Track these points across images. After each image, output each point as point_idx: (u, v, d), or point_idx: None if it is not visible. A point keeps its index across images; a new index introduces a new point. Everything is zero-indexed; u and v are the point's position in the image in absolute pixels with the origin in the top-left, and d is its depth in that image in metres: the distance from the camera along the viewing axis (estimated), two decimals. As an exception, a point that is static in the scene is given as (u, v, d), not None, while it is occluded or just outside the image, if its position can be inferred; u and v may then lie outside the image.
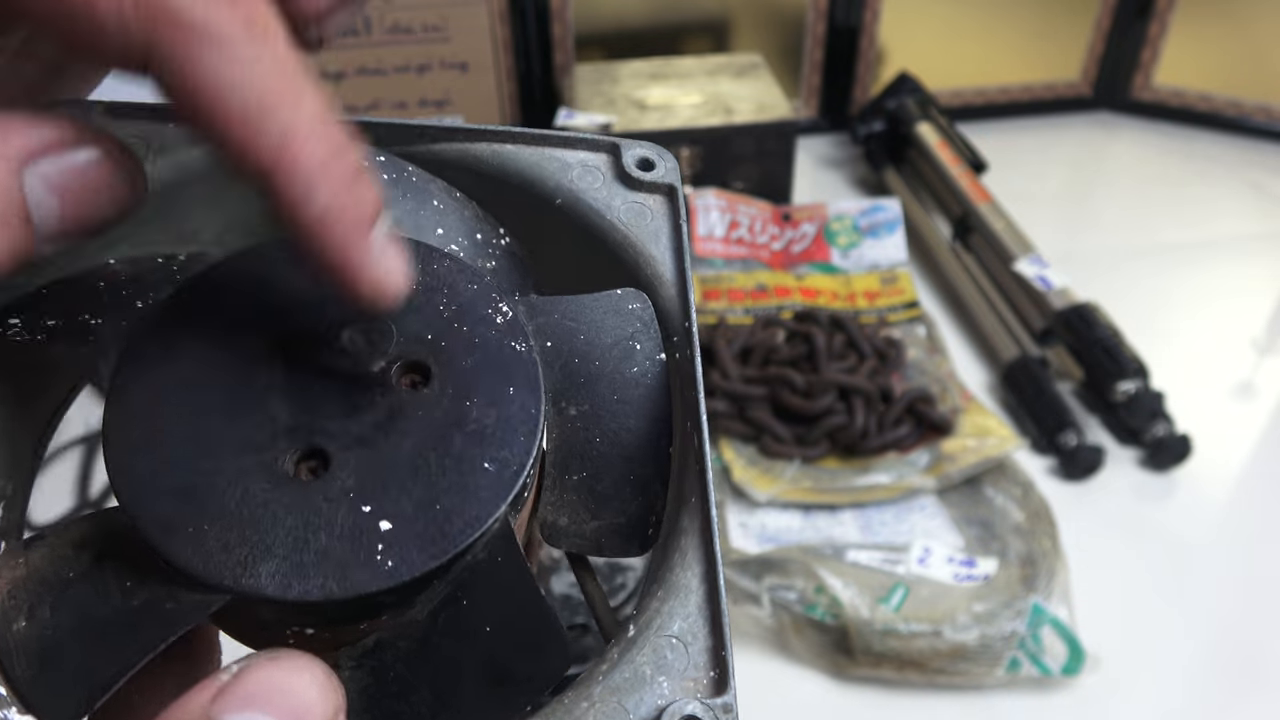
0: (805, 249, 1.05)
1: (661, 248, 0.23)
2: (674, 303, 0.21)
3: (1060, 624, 0.64)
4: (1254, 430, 0.86)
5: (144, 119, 0.22)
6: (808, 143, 1.30)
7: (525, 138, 0.24)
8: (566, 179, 0.23)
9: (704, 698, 0.17)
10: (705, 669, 0.17)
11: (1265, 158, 1.28)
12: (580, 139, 0.24)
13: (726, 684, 0.17)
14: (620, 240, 0.23)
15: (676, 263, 0.22)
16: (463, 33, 1.15)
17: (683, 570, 0.18)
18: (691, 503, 0.19)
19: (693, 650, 0.17)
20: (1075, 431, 0.81)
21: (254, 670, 0.15)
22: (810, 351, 0.86)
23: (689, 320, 0.21)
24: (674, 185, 0.24)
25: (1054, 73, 1.39)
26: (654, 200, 0.24)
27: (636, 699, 0.17)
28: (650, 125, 1.07)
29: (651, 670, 0.17)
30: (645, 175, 0.24)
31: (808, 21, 1.29)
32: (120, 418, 0.18)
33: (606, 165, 0.24)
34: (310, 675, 0.15)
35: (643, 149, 0.24)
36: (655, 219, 0.23)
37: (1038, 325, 0.92)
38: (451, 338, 0.19)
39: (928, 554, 0.70)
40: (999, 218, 1.02)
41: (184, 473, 0.17)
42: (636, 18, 1.29)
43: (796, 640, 0.67)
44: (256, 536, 0.17)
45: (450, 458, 0.18)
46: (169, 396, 0.18)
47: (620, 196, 0.23)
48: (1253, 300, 1.03)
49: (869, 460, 0.80)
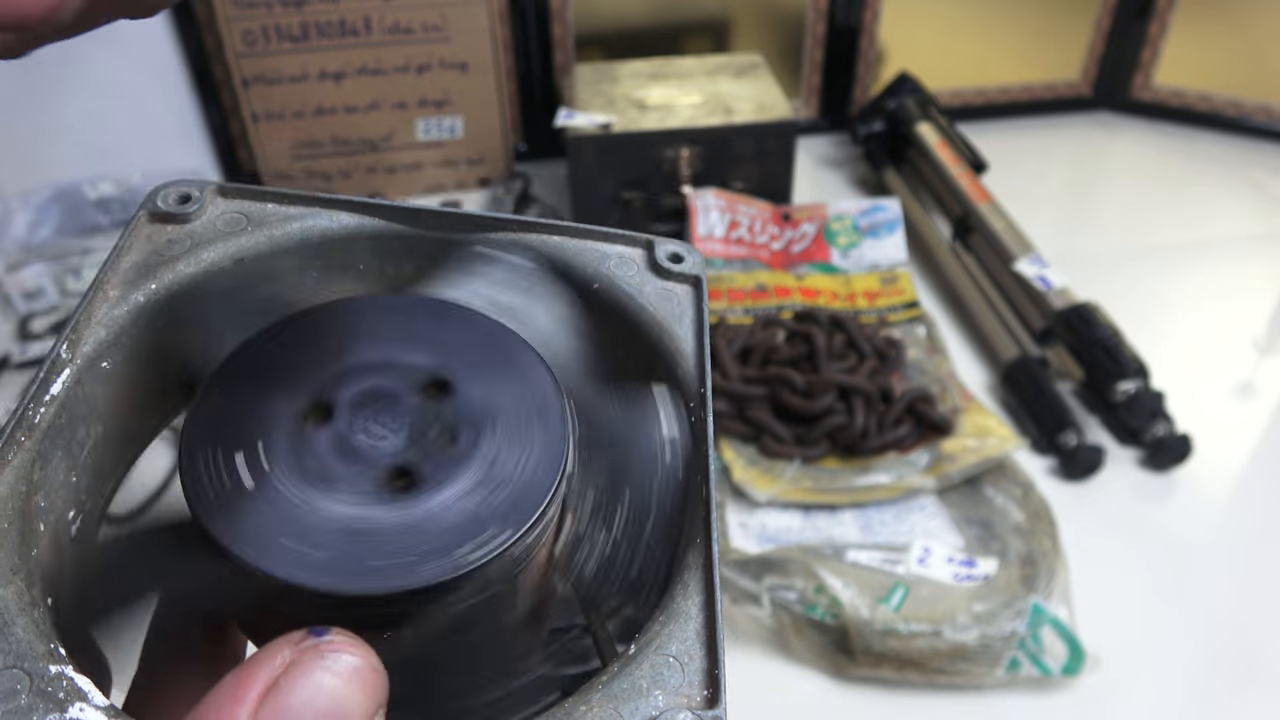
0: (805, 249, 1.05)
1: (685, 327, 0.25)
2: (692, 374, 0.24)
3: (1060, 624, 0.64)
4: (1254, 430, 0.86)
5: (248, 199, 0.26)
6: (808, 143, 1.30)
7: (570, 231, 0.27)
8: (605, 267, 0.26)
9: (695, 710, 0.18)
10: (699, 687, 0.19)
11: (1265, 158, 1.28)
12: (619, 235, 0.27)
13: (718, 700, 0.18)
14: (648, 319, 0.25)
15: (697, 341, 0.25)
16: (463, 33, 1.15)
17: (684, 599, 0.20)
18: (697, 543, 0.21)
19: (689, 670, 0.19)
20: (1075, 431, 0.81)
21: (299, 678, 0.15)
22: (810, 351, 0.86)
23: (704, 387, 0.24)
24: (700, 276, 0.27)
25: (1054, 73, 1.39)
26: (681, 289, 0.26)
27: (632, 707, 0.18)
28: (650, 125, 1.07)
29: (648, 684, 0.19)
30: (675, 267, 0.27)
31: (808, 21, 1.29)
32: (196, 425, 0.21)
33: (641, 258, 0.27)
34: (356, 677, 0.16)
35: (674, 246, 0.27)
36: (681, 303, 0.26)
37: (1038, 325, 0.92)
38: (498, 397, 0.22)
39: (928, 554, 0.70)
40: (999, 218, 1.02)
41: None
42: (636, 18, 1.29)
43: (796, 640, 0.67)
44: (308, 537, 0.19)
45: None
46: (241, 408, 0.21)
47: (651, 284, 0.26)
48: (1253, 300, 1.03)
49: (869, 460, 0.80)
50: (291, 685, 0.15)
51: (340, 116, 1.18)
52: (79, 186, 1.07)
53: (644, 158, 1.08)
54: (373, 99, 1.17)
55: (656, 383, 0.24)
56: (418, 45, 1.15)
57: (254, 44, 1.11)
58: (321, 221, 0.25)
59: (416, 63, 1.16)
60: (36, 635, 0.17)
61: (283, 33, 1.11)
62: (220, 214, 0.25)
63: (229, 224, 0.25)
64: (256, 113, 1.16)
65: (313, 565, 0.19)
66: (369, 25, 1.13)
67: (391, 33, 1.14)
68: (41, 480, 0.20)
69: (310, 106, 1.16)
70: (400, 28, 1.14)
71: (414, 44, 1.15)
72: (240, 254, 0.25)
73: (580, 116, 1.08)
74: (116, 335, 0.22)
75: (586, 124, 1.07)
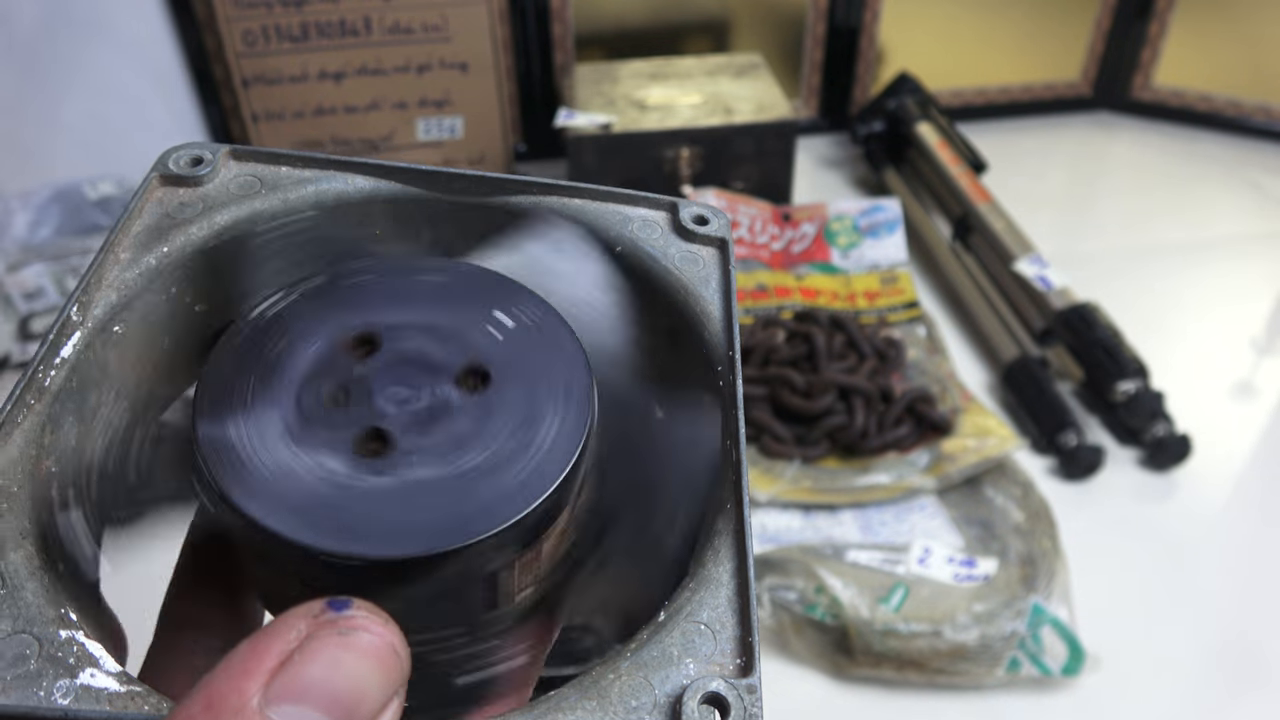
0: (805, 249, 1.05)
1: (711, 290, 0.25)
2: (720, 336, 0.24)
3: (1060, 624, 0.64)
4: (1254, 430, 0.86)
5: (261, 162, 0.25)
6: (808, 143, 1.30)
7: (592, 193, 0.26)
8: (627, 230, 0.26)
9: (729, 679, 0.18)
10: (732, 655, 0.18)
11: (1265, 158, 1.28)
12: (642, 197, 0.26)
13: (752, 668, 0.18)
14: (673, 282, 0.25)
15: (724, 303, 0.25)
16: (463, 33, 1.15)
17: (715, 565, 0.19)
18: (728, 509, 0.20)
19: (720, 638, 0.18)
20: (1075, 431, 0.81)
21: (315, 653, 0.14)
22: (810, 351, 0.86)
23: (733, 350, 0.23)
24: (725, 239, 0.26)
25: (1054, 73, 1.39)
26: (707, 251, 0.26)
27: (662, 675, 0.18)
28: (650, 125, 1.07)
29: (679, 651, 0.18)
30: (700, 229, 0.26)
31: (808, 21, 1.29)
32: (207, 388, 0.20)
33: (664, 220, 0.26)
34: (375, 655, 0.15)
35: (698, 207, 0.26)
36: (707, 266, 0.26)
37: (1038, 325, 0.92)
38: (522, 363, 0.22)
39: (928, 554, 0.70)
40: (999, 218, 1.02)
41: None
42: (636, 18, 1.29)
43: (796, 640, 0.67)
44: (310, 501, 0.19)
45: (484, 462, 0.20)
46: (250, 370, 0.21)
47: (676, 246, 0.26)
48: (1253, 300, 1.03)
49: (869, 460, 0.80)
50: (306, 661, 0.14)
51: (340, 116, 1.18)
52: (79, 186, 1.07)
53: (644, 158, 1.08)
54: (373, 99, 1.17)
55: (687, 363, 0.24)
56: (418, 45, 1.15)
57: (254, 44, 1.11)
58: (337, 185, 0.25)
59: (416, 63, 1.16)
60: (46, 600, 0.17)
61: (283, 33, 1.11)
62: (233, 177, 0.25)
63: (242, 187, 0.24)
64: (256, 113, 1.16)
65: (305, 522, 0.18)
66: (369, 25, 1.13)
67: (391, 33, 1.14)
68: (52, 445, 0.20)
69: (310, 106, 1.16)
70: (400, 28, 1.14)
71: (414, 44, 1.15)
72: (273, 212, 0.24)
73: (580, 116, 1.08)
74: (129, 299, 0.22)
75: (586, 124, 1.07)
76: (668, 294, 0.25)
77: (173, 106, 1.19)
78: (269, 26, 1.11)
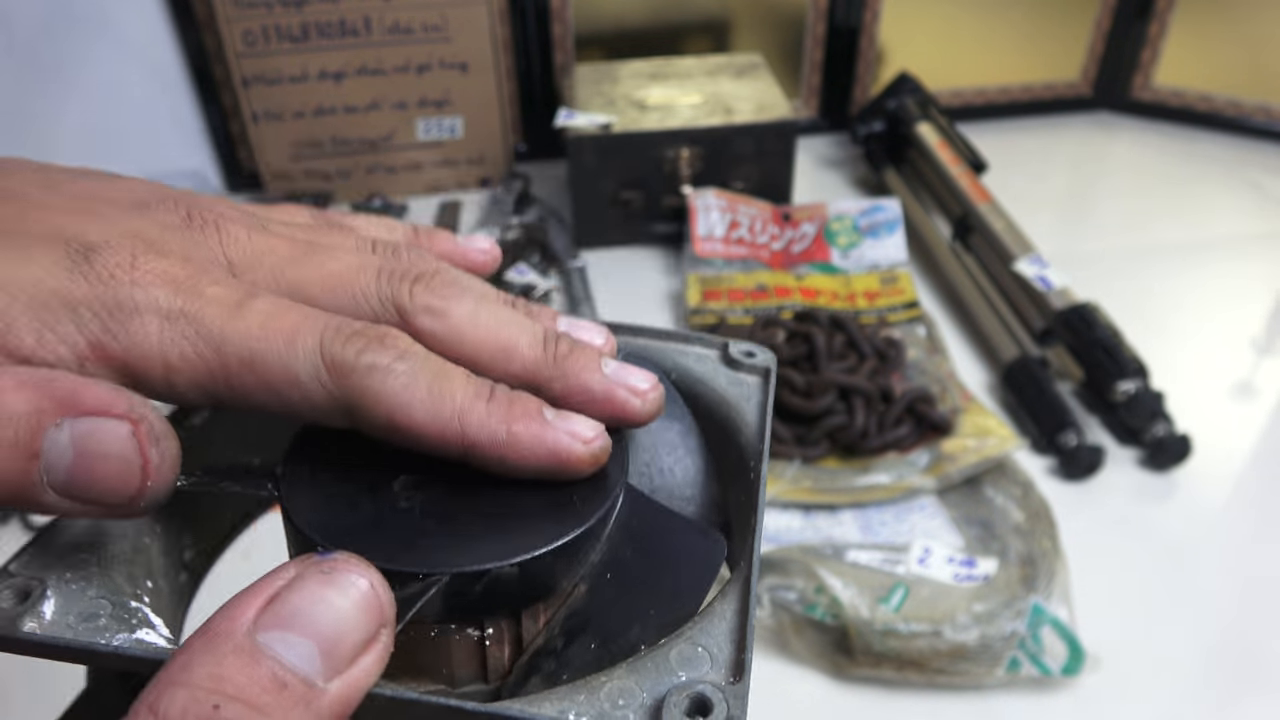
0: (805, 249, 1.05)
1: (750, 406, 0.28)
2: (753, 440, 0.27)
3: (1060, 624, 0.64)
4: (1254, 430, 0.86)
5: None
6: (808, 143, 1.30)
7: (651, 333, 0.29)
8: (683, 361, 0.29)
9: (716, 684, 0.19)
10: (725, 674, 0.19)
11: (1265, 158, 1.28)
12: (697, 338, 0.30)
13: (742, 678, 0.19)
14: (717, 399, 0.28)
15: (760, 418, 0.27)
16: (463, 33, 1.15)
17: (720, 603, 0.21)
18: (740, 565, 0.22)
19: (717, 660, 0.20)
20: (1075, 431, 0.81)
21: (300, 589, 0.16)
22: (810, 351, 0.86)
23: (763, 443, 0.26)
24: (770, 368, 0.29)
25: (1054, 73, 1.39)
26: (751, 379, 0.29)
27: (654, 681, 0.19)
28: (650, 125, 1.07)
29: (675, 664, 0.20)
30: (747, 360, 0.29)
31: (808, 21, 1.30)
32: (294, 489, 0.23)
33: (715, 355, 0.29)
34: (356, 593, 0.17)
35: (748, 345, 0.29)
36: (749, 389, 0.28)
37: (1038, 325, 0.92)
38: None
39: (928, 554, 0.70)
40: (999, 218, 1.02)
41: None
42: (636, 18, 1.29)
43: (796, 640, 0.67)
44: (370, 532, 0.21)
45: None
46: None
47: (724, 375, 0.29)
48: (1253, 300, 1.03)
49: (869, 460, 0.80)
50: (294, 594, 0.16)
51: (340, 116, 1.18)
52: (79, 186, 1.07)
53: (644, 158, 1.08)
54: (373, 99, 1.17)
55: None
56: (418, 45, 1.15)
57: (254, 44, 1.11)
58: None
59: (416, 63, 1.16)
60: (127, 580, 0.21)
61: (283, 33, 1.11)
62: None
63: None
64: (256, 113, 1.16)
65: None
66: (369, 25, 1.13)
67: (391, 33, 1.14)
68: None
69: (310, 106, 1.17)
70: (400, 28, 1.14)
71: (414, 44, 1.15)
72: None
73: (580, 116, 1.08)
74: None
75: (586, 124, 1.07)
76: (713, 408, 0.28)
77: (173, 106, 1.19)
78: (269, 26, 1.11)
